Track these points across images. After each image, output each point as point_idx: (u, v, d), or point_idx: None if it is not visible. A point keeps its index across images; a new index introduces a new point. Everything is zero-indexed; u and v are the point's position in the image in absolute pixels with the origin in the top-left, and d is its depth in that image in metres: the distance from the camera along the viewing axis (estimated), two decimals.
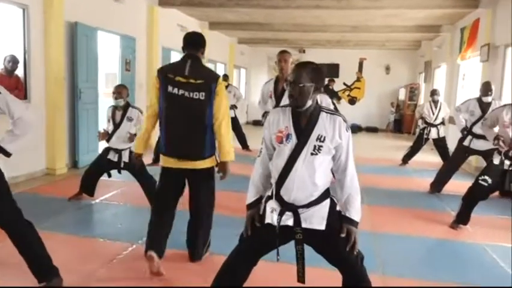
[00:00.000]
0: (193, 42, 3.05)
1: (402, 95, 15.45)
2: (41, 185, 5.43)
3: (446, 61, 10.65)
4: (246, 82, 16.47)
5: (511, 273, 3.31)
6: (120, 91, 4.47)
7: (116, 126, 4.52)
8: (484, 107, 5.32)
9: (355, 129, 15.23)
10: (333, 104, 17.69)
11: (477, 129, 5.25)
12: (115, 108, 4.56)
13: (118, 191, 5.22)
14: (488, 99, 5.31)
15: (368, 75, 16.23)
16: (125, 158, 4.58)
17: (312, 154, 2.05)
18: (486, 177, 4.05)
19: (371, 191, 5.83)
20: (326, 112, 2.11)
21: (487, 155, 4.99)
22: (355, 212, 2.14)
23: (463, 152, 5.60)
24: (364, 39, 13.36)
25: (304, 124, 2.09)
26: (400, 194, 5.79)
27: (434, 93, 7.58)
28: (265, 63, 16.46)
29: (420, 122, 7.79)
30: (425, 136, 7.48)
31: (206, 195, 3.18)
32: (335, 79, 16.63)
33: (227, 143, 2.98)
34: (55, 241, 3.55)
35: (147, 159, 6.88)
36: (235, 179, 3.95)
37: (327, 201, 2.14)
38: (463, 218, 4.30)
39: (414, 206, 5.21)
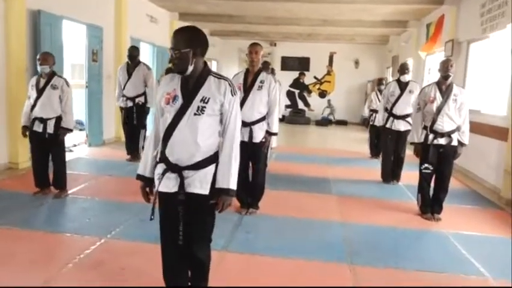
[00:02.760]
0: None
1: (370, 89, 15.75)
2: (3, 179, 5.22)
3: (413, 56, 10.92)
4: None
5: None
6: (46, 58, 4.32)
7: (40, 93, 4.32)
8: (402, 86, 5.80)
9: (325, 122, 15.45)
10: (303, 96, 17.85)
11: (397, 110, 5.78)
12: (39, 76, 4.40)
13: (86, 185, 5.10)
14: (406, 78, 5.80)
15: (338, 69, 16.49)
16: (50, 128, 4.38)
17: (195, 114, 2.11)
18: (426, 165, 4.37)
19: (340, 182, 5.96)
20: (214, 76, 2.18)
21: (403, 134, 5.76)
22: (226, 179, 2.15)
23: (387, 134, 5.95)
24: (334, 33, 13.50)
25: (191, 86, 2.15)
26: (365, 185, 5.92)
27: (380, 82, 8.16)
28: (236, 56, 16.38)
29: (366, 111, 8.21)
30: (370, 122, 7.97)
31: None
32: (306, 72, 16.90)
33: None
34: (19, 237, 3.46)
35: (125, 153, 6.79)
36: None
37: (213, 167, 2.18)
38: (429, 207, 4.47)
39: (378, 196, 5.36)
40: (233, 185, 2.18)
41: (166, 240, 2.29)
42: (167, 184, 2.18)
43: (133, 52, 6.58)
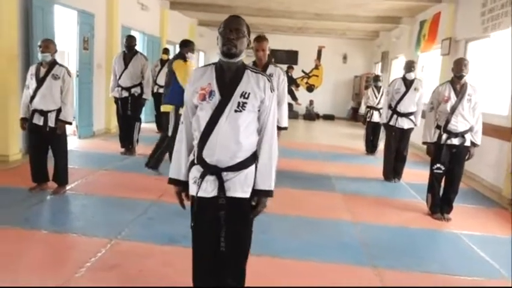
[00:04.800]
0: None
1: (358, 84, 15.81)
2: None
3: (405, 52, 10.95)
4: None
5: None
6: (48, 45, 4.04)
7: (40, 82, 4.05)
8: (408, 83, 5.71)
9: (313, 116, 15.41)
10: (291, 90, 17.80)
11: (401, 108, 5.70)
12: (39, 64, 4.12)
13: (83, 181, 4.85)
14: (411, 75, 5.69)
15: (326, 63, 16.41)
16: (51, 121, 4.12)
17: (236, 111, 1.95)
18: (438, 165, 4.32)
19: (341, 179, 5.90)
20: (251, 70, 2.03)
21: (406, 132, 5.76)
22: (267, 180, 2.05)
23: (390, 132, 5.90)
24: (325, 28, 13.43)
25: (228, 80, 1.99)
26: (367, 182, 5.89)
27: (377, 79, 8.12)
28: None
29: (363, 108, 8.15)
30: (367, 119, 7.92)
31: None
32: (294, 66, 16.77)
33: None
34: (22, 238, 3.24)
35: (117, 146, 6.54)
36: None
37: (253, 168, 2.05)
38: (439, 207, 4.45)
39: (383, 194, 5.33)
40: (272, 185, 2.06)
41: (203, 247, 2.13)
42: (205, 188, 2.01)
43: (131, 42, 6.32)
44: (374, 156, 7.99)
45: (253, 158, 2.05)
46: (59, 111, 4.15)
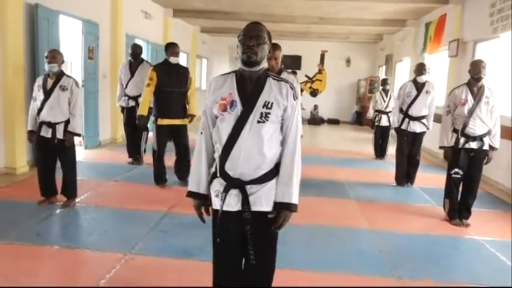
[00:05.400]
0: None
1: (362, 87, 15.73)
2: (1, 187, 4.81)
3: (410, 55, 10.87)
4: (207, 72, 16.01)
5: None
6: (55, 55, 3.96)
7: (47, 94, 3.96)
8: (419, 86, 5.61)
9: (318, 121, 15.34)
10: None
11: (413, 111, 5.60)
12: (46, 76, 4.03)
13: (93, 192, 4.76)
14: (423, 78, 5.59)
15: (329, 68, 16.32)
16: (60, 133, 4.03)
17: (259, 122, 1.86)
18: (456, 170, 4.22)
19: (354, 185, 5.79)
20: (273, 78, 1.94)
21: (419, 136, 5.68)
22: (288, 193, 1.93)
23: (402, 136, 5.79)
24: (328, 32, 13.37)
25: (250, 90, 1.90)
26: (380, 188, 5.78)
27: (384, 82, 7.98)
28: (226, 53, 16.08)
29: (371, 112, 8.03)
30: (376, 123, 7.80)
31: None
32: (297, 71, 16.71)
33: None
34: (34, 254, 3.14)
35: (124, 156, 6.45)
36: None
37: (276, 180, 1.96)
38: (457, 212, 4.34)
39: (397, 200, 5.22)
40: (295, 199, 1.96)
41: (228, 263, 2.03)
42: (229, 202, 1.92)
43: (137, 50, 6.26)
44: (383, 160, 7.89)
45: (276, 170, 1.96)
46: (67, 122, 4.07)
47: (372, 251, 3.55)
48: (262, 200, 1.93)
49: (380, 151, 8.03)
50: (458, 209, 4.35)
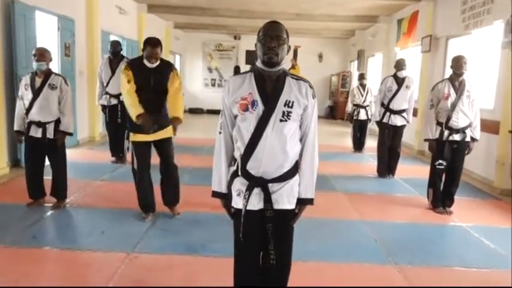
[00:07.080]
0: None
1: (334, 82, 16.01)
2: None
3: (382, 50, 11.17)
4: (180, 69, 15.83)
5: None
6: (42, 53, 3.84)
7: (36, 93, 3.85)
8: (399, 81, 5.85)
9: None
10: None
11: (394, 105, 5.83)
12: (34, 74, 3.91)
13: (81, 193, 4.67)
14: (403, 73, 5.84)
15: (302, 63, 16.53)
16: (50, 133, 3.94)
17: (281, 121, 1.90)
18: (440, 161, 4.43)
19: (338, 178, 5.95)
20: (292, 77, 1.98)
21: (399, 129, 5.91)
22: (311, 190, 2.05)
23: (384, 129, 6.02)
24: (302, 28, 13.49)
25: (270, 89, 1.93)
26: (364, 180, 5.97)
27: (362, 77, 8.22)
28: (200, 50, 15.97)
29: (349, 106, 8.21)
30: (354, 117, 8.01)
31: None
32: None
33: None
34: (33, 258, 3.09)
35: (105, 155, 6.31)
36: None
37: (297, 178, 2.04)
38: (440, 201, 4.57)
39: (381, 191, 5.42)
40: (314, 194, 2.06)
41: (251, 260, 2.08)
42: (251, 201, 1.96)
43: (117, 47, 6.14)
44: (362, 153, 8.12)
45: (296, 168, 2.02)
46: (57, 122, 3.97)
47: (366, 241, 3.69)
48: (285, 198, 1.98)
49: (358, 144, 8.25)
50: (441, 197, 4.57)
